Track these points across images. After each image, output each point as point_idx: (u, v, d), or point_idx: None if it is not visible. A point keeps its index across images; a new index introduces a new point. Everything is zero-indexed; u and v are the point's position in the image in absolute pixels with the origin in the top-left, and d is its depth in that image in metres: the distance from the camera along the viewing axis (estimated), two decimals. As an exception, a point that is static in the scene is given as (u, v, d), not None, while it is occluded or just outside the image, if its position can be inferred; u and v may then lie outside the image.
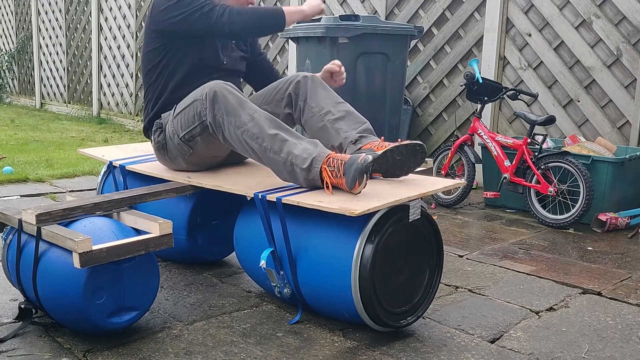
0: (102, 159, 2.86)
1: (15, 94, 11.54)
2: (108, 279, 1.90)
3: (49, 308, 1.98)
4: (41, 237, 1.94)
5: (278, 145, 2.12)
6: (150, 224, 2.00)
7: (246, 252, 2.32)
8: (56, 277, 1.90)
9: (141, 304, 2.00)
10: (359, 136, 2.32)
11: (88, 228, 1.95)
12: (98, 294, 1.88)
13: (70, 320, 1.97)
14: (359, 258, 1.95)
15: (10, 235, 2.13)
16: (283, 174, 2.16)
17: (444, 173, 4.27)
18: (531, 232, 3.57)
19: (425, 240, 2.14)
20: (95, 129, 7.86)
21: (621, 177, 3.69)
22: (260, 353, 1.93)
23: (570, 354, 2.00)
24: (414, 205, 2.03)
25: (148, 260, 2.00)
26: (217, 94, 2.23)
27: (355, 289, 1.96)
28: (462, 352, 1.98)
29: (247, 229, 2.31)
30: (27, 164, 5.08)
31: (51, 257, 1.92)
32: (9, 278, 2.19)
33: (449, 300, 2.45)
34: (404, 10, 5.32)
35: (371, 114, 4.34)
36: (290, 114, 2.51)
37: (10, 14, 11.30)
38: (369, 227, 1.96)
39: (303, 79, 2.48)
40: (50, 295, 1.94)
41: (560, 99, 4.49)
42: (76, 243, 1.77)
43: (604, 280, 2.72)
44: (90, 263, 1.80)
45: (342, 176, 2.01)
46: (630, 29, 4.12)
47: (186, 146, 2.42)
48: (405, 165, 2.21)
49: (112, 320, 1.93)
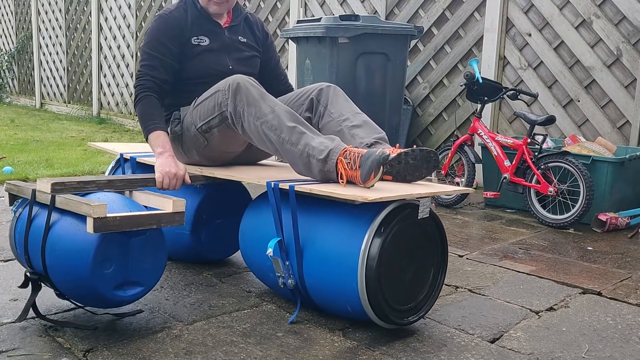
0: (113, 151, 2.89)
1: (15, 94, 11.55)
2: (117, 251, 1.91)
3: (56, 278, 1.98)
4: (54, 206, 1.96)
5: (296, 137, 2.16)
6: (163, 201, 2.02)
7: (251, 246, 2.33)
8: (66, 245, 1.91)
9: (146, 280, 2.01)
10: (375, 141, 2.34)
11: (102, 200, 1.97)
12: (106, 264, 1.89)
13: (77, 291, 1.97)
14: (367, 252, 1.96)
15: (20, 207, 2.15)
16: (299, 165, 2.19)
17: (444, 173, 4.28)
18: (531, 232, 3.57)
19: (431, 240, 2.15)
20: (95, 129, 7.86)
21: (621, 177, 3.69)
22: (260, 353, 1.94)
23: (570, 353, 2.00)
24: (424, 203, 2.05)
25: (157, 238, 2.01)
26: (240, 85, 2.28)
27: (361, 282, 1.96)
28: (462, 352, 1.98)
29: (254, 222, 2.33)
30: (27, 164, 5.08)
31: (63, 225, 1.94)
32: (14, 250, 2.19)
33: (449, 300, 2.45)
34: (404, 10, 5.32)
35: (371, 114, 4.34)
36: (310, 118, 2.54)
37: (10, 14, 11.31)
38: (377, 221, 1.98)
39: (326, 88, 2.53)
40: (58, 264, 1.94)
41: (560, 99, 4.49)
42: (92, 207, 1.79)
43: (604, 280, 2.72)
44: (103, 229, 1.82)
45: (358, 168, 2.02)
46: (630, 28, 4.12)
47: (202, 137, 2.45)
48: (417, 171, 2.22)
49: (117, 292, 1.93)
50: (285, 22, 6.36)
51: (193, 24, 2.59)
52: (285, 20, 6.36)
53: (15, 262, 2.66)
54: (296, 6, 6.14)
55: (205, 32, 2.61)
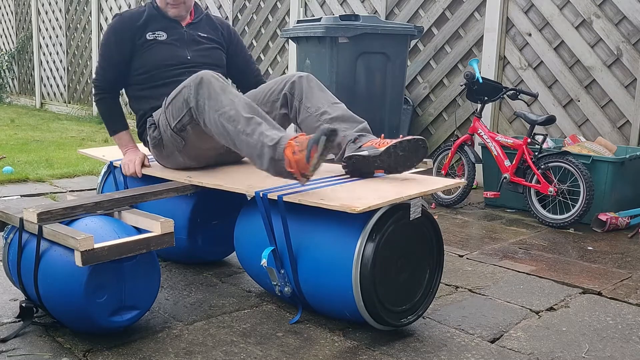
0: (103, 159, 2.86)
1: (15, 94, 11.54)
2: (109, 278, 1.90)
3: (50, 307, 1.98)
4: (42, 236, 1.94)
5: (252, 127, 2.12)
6: (151, 222, 2.00)
7: (247, 252, 2.32)
8: (57, 275, 1.90)
9: (142, 303, 2.00)
10: (358, 135, 2.31)
11: (89, 227, 1.95)
12: (99, 293, 1.88)
13: (72, 319, 1.97)
14: (360, 256, 1.95)
15: (11, 234, 2.13)
16: (253, 157, 2.14)
17: (444, 173, 4.27)
18: (531, 232, 3.57)
19: (425, 239, 2.14)
20: (95, 129, 7.86)
21: (621, 177, 3.69)
22: (260, 353, 1.93)
23: (571, 353, 2.00)
24: (415, 204, 2.03)
25: (149, 260, 2.00)
26: (203, 79, 2.26)
27: (356, 287, 1.96)
28: (462, 352, 1.98)
29: (247, 228, 2.31)
30: (27, 164, 5.09)
31: (52, 255, 1.93)
32: (9, 277, 2.20)
33: (449, 300, 2.45)
34: (404, 10, 5.31)
35: (371, 114, 4.36)
36: (286, 114, 2.51)
37: (11, 14, 11.30)
38: (369, 226, 1.96)
39: (298, 79, 2.47)
40: (51, 294, 1.94)
41: (560, 98, 4.49)
42: (78, 241, 1.77)
43: (604, 280, 2.72)
44: (91, 261, 1.80)
45: (304, 150, 1.95)
46: (631, 28, 4.12)
47: (179, 137, 2.43)
48: (408, 161, 2.21)
49: (113, 319, 1.93)
50: (285, 22, 6.35)
51: (149, 21, 2.63)
52: (285, 20, 6.36)
53: (16, 262, 2.66)
54: (296, 6, 6.14)
55: (163, 27, 2.65)
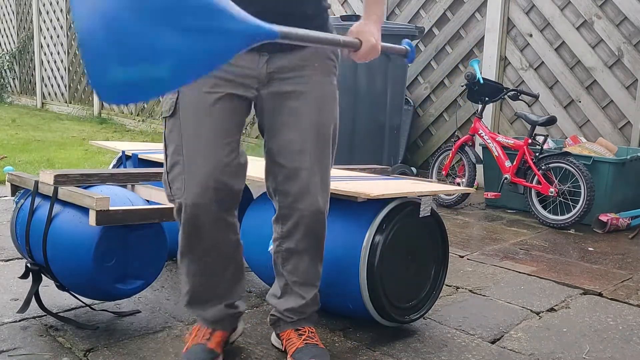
0: (115, 149, 2.90)
1: (16, 94, 11.55)
2: (119, 244, 1.91)
3: (57, 270, 1.98)
4: (57, 198, 1.96)
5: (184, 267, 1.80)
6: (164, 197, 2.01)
7: (253, 246, 2.32)
8: (68, 237, 1.91)
9: (147, 274, 2.00)
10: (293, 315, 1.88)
11: (104, 193, 1.97)
12: (108, 257, 1.89)
13: (77, 283, 1.97)
14: (368, 248, 1.96)
15: (22, 199, 2.15)
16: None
17: (444, 173, 4.28)
18: (532, 232, 3.57)
19: (432, 239, 2.16)
20: (96, 129, 7.87)
21: (622, 177, 3.68)
22: (261, 353, 1.93)
23: (571, 354, 2.00)
24: (425, 202, 2.06)
25: (158, 233, 2.01)
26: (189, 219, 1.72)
27: (362, 278, 1.96)
28: (463, 353, 1.98)
29: (255, 222, 2.32)
30: (28, 164, 5.09)
31: (65, 217, 1.94)
32: (15, 241, 2.19)
33: (449, 300, 2.45)
34: (405, 11, 5.32)
35: (372, 115, 4.37)
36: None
37: (12, 14, 11.31)
38: (379, 218, 1.98)
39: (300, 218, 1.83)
40: (60, 255, 1.94)
41: (561, 99, 4.49)
42: (94, 200, 1.79)
43: (605, 281, 2.72)
44: (105, 222, 1.82)
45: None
46: (632, 29, 4.11)
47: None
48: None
49: (117, 285, 1.93)
50: (286, 23, 6.36)
51: None
52: (286, 21, 6.36)
53: (16, 261, 2.66)
54: (297, 6, 6.14)
55: None
